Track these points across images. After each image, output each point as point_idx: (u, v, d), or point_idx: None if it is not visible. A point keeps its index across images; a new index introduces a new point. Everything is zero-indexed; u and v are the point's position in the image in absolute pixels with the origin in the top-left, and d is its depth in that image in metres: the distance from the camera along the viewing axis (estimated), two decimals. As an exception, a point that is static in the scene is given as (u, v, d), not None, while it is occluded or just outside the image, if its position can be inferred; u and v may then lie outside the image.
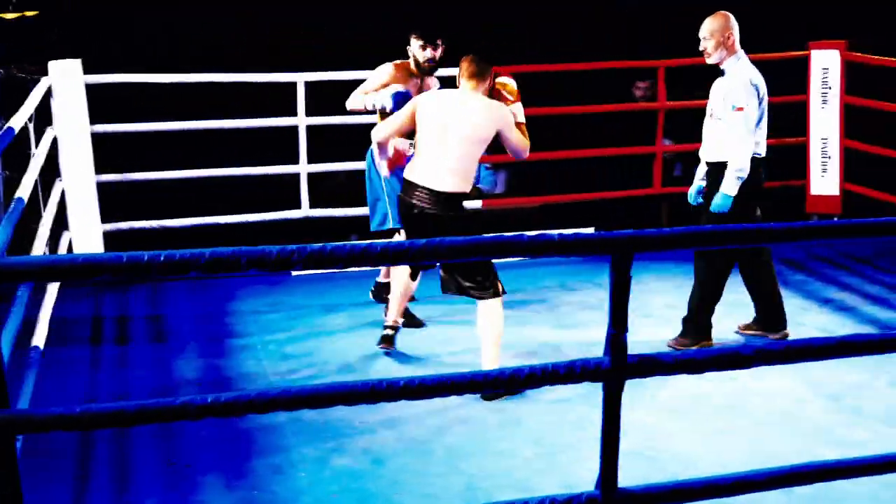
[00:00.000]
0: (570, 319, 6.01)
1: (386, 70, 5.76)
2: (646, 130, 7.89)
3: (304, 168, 7.15)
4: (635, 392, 3.89)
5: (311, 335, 5.80)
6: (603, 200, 7.93)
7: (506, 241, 2.53)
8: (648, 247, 2.54)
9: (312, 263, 2.45)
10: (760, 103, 5.30)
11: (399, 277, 5.54)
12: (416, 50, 5.70)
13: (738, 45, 5.31)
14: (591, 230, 7.31)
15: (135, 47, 9.15)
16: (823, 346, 2.89)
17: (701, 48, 5.35)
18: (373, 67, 5.85)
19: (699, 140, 8.51)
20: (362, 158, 6.09)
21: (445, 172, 4.88)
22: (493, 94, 5.04)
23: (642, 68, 8.08)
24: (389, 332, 5.49)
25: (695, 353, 2.69)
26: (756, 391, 4.87)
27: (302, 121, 7.08)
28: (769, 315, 5.63)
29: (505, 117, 4.91)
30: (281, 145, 7.65)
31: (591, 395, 4.32)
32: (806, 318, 6.00)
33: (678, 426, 4.54)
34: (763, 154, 5.38)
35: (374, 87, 5.71)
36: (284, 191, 7.58)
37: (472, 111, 4.85)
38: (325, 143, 8.30)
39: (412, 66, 5.74)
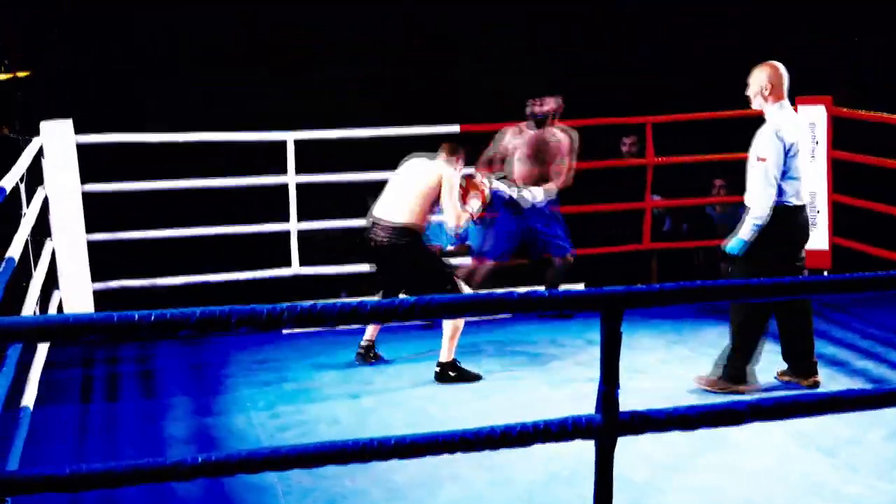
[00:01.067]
0: (562, 375, 5.99)
1: (500, 135, 7.18)
2: (635, 186, 7.93)
3: (294, 226, 7.16)
4: (627, 447, 3.87)
5: (301, 393, 5.77)
6: (593, 256, 7.94)
7: (496, 297, 2.54)
8: (638, 303, 2.54)
9: (302, 322, 2.46)
10: (787, 154, 5.35)
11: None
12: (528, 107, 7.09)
13: (780, 96, 5.41)
14: (581, 286, 7.33)
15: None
16: (815, 401, 2.89)
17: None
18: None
19: (687, 195, 8.60)
20: (353, 216, 6.17)
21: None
22: (467, 183, 6.32)
23: (629, 124, 8.14)
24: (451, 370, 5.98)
25: (686, 410, 2.69)
26: (749, 446, 4.85)
27: (292, 179, 7.11)
28: (798, 362, 5.71)
29: (450, 179, 5.98)
30: (272, 203, 7.66)
31: (584, 450, 4.30)
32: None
33: (670, 483, 4.51)
34: (795, 203, 5.44)
35: (494, 150, 7.18)
36: (275, 248, 7.59)
37: (426, 167, 6.06)
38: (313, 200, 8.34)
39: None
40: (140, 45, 8.96)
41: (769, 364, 5.76)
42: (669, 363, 6.22)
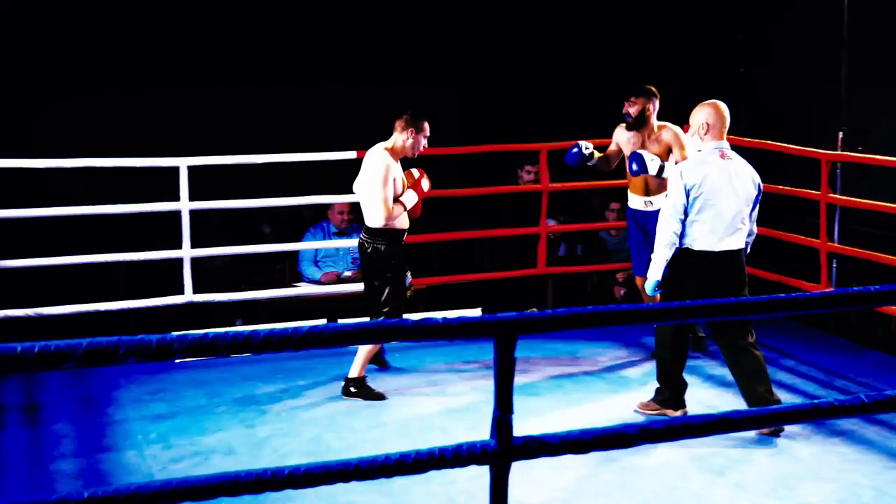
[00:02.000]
0: (460, 401, 6.00)
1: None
2: (531, 212, 8.01)
3: (187, 253, 7.05)
4: (523, 472, 3.89)
5: (195, 423, 5.67)
6: (489, 282, 7.99)
7: (391, 325, 2.53)
8: (531, 329, 2.56)
9: (194, 352, 2.42)
10: (688, 197, 5.23)
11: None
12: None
13: (718, 136, 5.31)
14: (478, 311, 7.36)
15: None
16: (704, 423, 2.93)
17: None
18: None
19: (583, 220, 8.72)
20: (245, 241, 6.09)
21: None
22: (406, 175, 6.02)
23: (525, 151, 8.22)
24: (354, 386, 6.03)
25: (580, 434, 2.71)
26: (642, 467, 4.91)
27: (185, 205, 7.00)
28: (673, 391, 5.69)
29: (375, 165, 5.83)
30: (164, 229, 7.52)
31: (481, 474, 4.31)
32: (689, 395, 6.09)
33: (567, 506, 4.54)
34: (701, 249, 5.28)
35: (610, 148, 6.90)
36: (167, 276, 7.45)
37: (368, 158, 5.98)
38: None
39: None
40: (27, 67, 8.77)
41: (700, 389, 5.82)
42: (565, 386, 6.28)
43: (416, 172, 6.09)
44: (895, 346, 7.14)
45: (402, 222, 6.01)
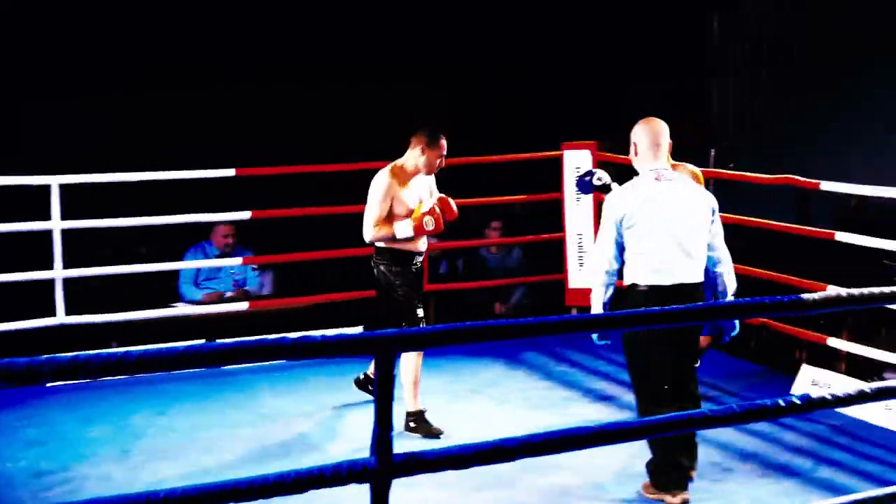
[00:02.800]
0: (341, 420, 5.97)
1: None
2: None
3: (59, 273, 6.85)
4: (404, 489, 3.88)
5: (68, 449, 5.51)
6: (371, 299, 7.96)
7: (269, 343, 2.50)
8: (410, 345, 2.56)
9: (65, 375, 2.35)
10: (621, 228, 4.60)
11: (411, 362, 5.64)
12: None
13: (649, 158, 4.69)
14: (359, 329, 7.34)
15: None
16: (584, 435, 2.97)
17: None
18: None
19: (461, 238, 8.76)
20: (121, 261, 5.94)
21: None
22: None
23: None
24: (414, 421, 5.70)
25: (460, 449, 2.72)
26: (524, 482, 4.95)
27: (56, 224, 6.82)
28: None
29: (373, 185, 5.64)
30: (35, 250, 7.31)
31: (363, 492, 4.29)
32: (570, 409, 6.18)
33: (450, 522, 4.55)
34: (648, 283, 4.58)
35: None
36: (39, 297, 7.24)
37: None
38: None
39: None
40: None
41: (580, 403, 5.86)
42: (447, 402, 6.29)
43: (426, 206, 5.69)
44: (767, 357, 7.35)
45: (407, 244, 5.70)
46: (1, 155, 6.99)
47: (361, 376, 6.21)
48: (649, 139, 4.69)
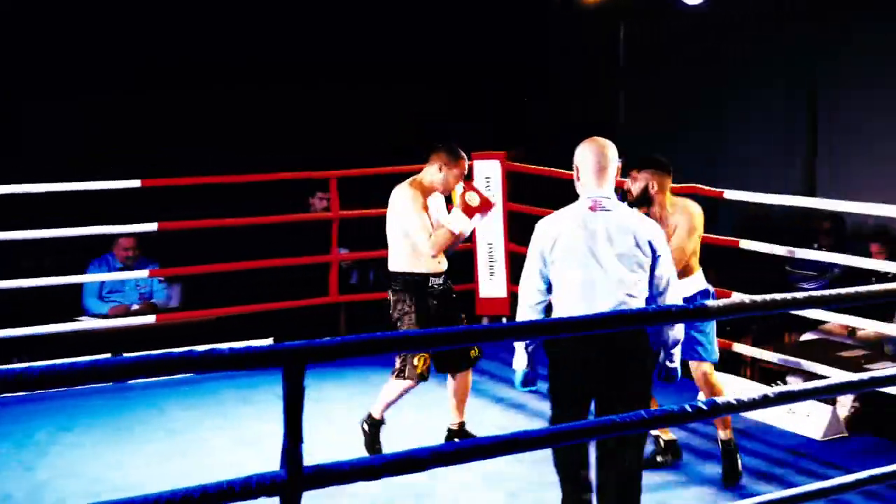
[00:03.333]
0: (252, 433, 5.91)
1: None
2: (323, 240, 7.99)
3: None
4: (319, 501, 3.85)
5: (-31, 468, 5.38)
6: (283, 311, 7.91)
7: (176, 357, 2.46)
8: (319, 357, 2.54)
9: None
10: (545, 262, 4.16)
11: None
12: None
13: (589, 181, 4.20)
14: (269, 341, 7.27)
15: None
16: (494, 443, 2.98)
17: None
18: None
19: (375, 248, 8.75)
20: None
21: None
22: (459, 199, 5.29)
23: (314, 179, 8.20)
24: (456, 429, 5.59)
25: (371, 460, 2.71)
26: (436, 493, 4.95)
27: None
28: None
29: (402, 203, 5.35)
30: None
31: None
32: (484, 417, 6.20)
33: (362, 534, 4.53)
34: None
35: None
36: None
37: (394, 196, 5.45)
38: None
39: None
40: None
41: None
42: (357, 413, 6.26)
43: (459, 188, 5.39)
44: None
45: (423, 266, 5.40)
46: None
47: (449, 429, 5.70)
48: (593, 163, 4.17)
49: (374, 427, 5.58)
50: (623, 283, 4.06)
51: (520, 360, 4.22)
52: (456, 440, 5.40)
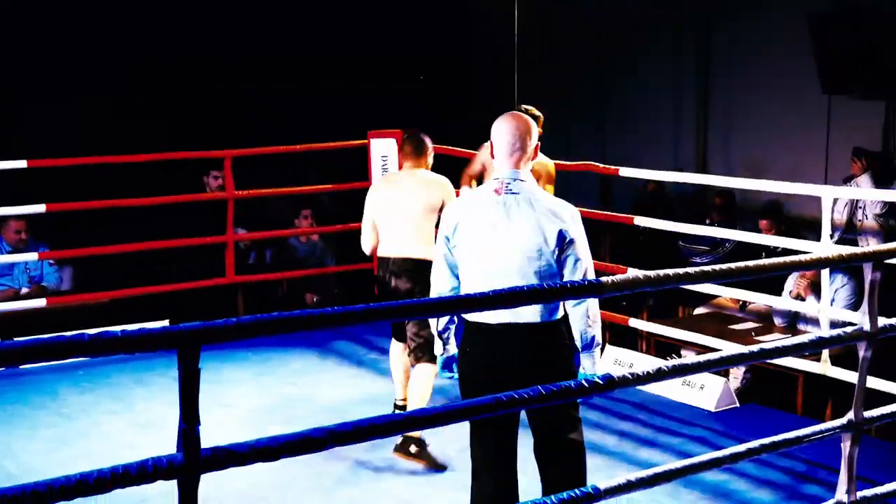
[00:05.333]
0: (148, 416, 5.82)
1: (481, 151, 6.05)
2: (219, 220, 7.88)
3: None
4: (217, 483, 3.82)
5: None
6: (178, 292, 7.79)
7: (67, 340, 2.41)
8: (215, 338, 2.51)
9: None
10: (448, 242, 3.85)
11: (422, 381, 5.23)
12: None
13: (501, 165, 3.81)
14: (165, 323, 7.16)
15: None
16: (392, 421, 2.98)
17: None
18: None
19: (271, 227, 8.68)
20: None
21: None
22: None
23: (208, 158, 8.09)
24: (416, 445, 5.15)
25: (269, 441, 2.69)
26: (336, 472, 4.95)
27: None
28: None
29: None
30: None
31: (173, 490, 4.20)
32: (381, 396, 6.21)
33: (262, 515, 4.51)
34: (474, 321, 3.77)
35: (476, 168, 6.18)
36: None
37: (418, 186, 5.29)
38: None
39: None
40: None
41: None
42: (257, 395, 6.23)
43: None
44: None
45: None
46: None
47: (399, 440, 5.24)
48: (506, 142, 3.79)
49: (420, 444, 5.17)
50: (524, 270, 3.71)
51: (437, 347, 4.05)
52: (412, 450, 5.14)
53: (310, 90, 9.99)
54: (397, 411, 5.43)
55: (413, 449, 5.11)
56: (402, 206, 5.26)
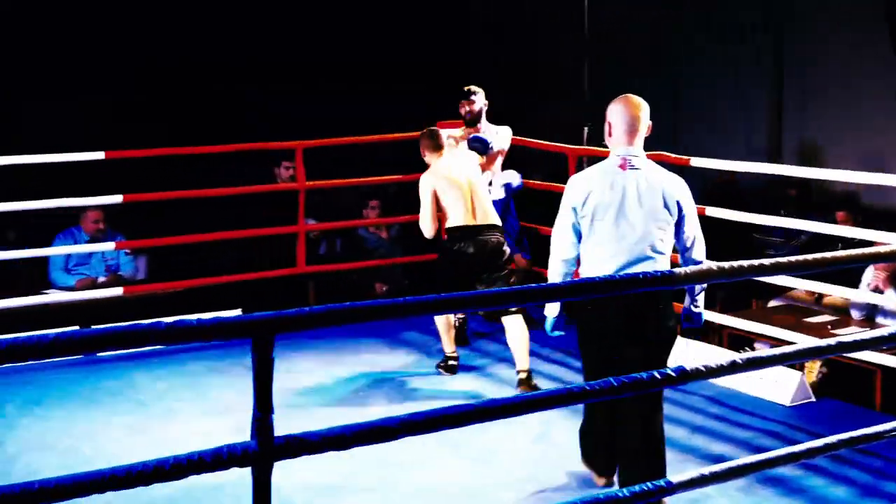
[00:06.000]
0: (221, 404, 5.90)
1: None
2: (289, 210, 7.95)
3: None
4: (287, 472, 3.86)
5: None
6: (250, 282, 7.87)
7: (144, 328, 2.45)
8: (288, 327, 2.54)
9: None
10: (576, 213, 4.32)
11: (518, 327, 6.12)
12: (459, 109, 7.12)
13: (621, 140, 4.35)
14: (238, 312, 7.25)
15: None
16: (465, 412, 2.99)
17: None
18: None
19: (342, 218, 8.72)
20: None
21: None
22: None
23: (281, 149, 8.16)
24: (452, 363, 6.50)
25: (341, 430, 2.71)
26: (402, 462, 4.96)
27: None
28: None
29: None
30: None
31: (247, 477, 4.25)
32: (450, 385, 6.23)
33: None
34: (603, 273, 4.19)
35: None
36: None
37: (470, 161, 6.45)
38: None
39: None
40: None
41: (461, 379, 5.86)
42: (328, 384, 6.27)
43: None
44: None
45: None
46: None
47: (523, 376, 6.08)
48: (625, 122, 4.33)
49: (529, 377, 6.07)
50: (649, 238, 4.24)
51: (552, 308, 4.50)
52: (522, 390, 5.93)
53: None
54: (451, 363, 6.46)
55: (534, 382, 6.02)
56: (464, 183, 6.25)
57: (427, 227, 6.28)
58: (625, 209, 4.24)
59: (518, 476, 4.86)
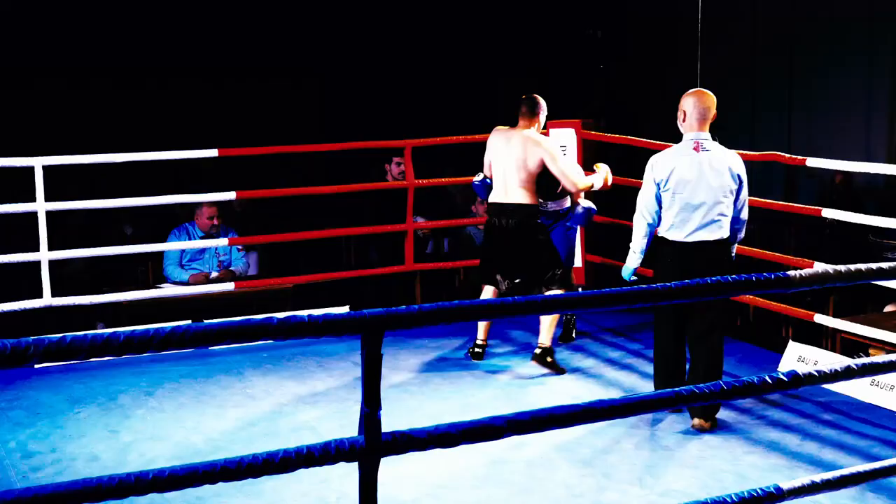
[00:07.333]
0: (329, 400, 5.97)
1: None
2: (398, 208, 8.01)
3: (44, 255, 6.83)
4: (394, 468, 3.89)
5: (56, 430, 5.50)
6: (358, 279, 7.97)
7: (255, 324, 2.49)
8: (397, 325, 2.56)
9: (52, 356, 2.34)
10: (659, 187, 5.36)
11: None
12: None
13: (692, 126, 5.35)
14: (345, 309, 7.34)
15: None
16: (571, 412, 2.97)
17: None
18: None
19: (449, 217, 8.76)
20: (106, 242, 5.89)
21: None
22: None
23: (390, 148, 8.23)
24: (478, 350, 6.67)
25: (448, 427, 2.72)
26: (511, 459, 4.96)
27: (41, 206, 6.78)
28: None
29: (549, 148, 6.34)
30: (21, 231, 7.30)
31: (354, 472, 4.30)
32: (557, 386, 6.20)
33: (437, 501, 4.56)
34: (673, 238, 5.36)
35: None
36: (25, 279, 7.22)
37: (517, 145, 6.37)
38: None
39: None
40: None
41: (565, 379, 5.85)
42: (433, 381, 6.30)
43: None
44: (754, 334, 7.38)
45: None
46: (6, 152, 7.03)
47: (475, 349, 6.70)
48: (698, 112, 5.33)
49: (551, 353, 6.39)
50: (718, 206, 5.31)
51: (633, 259, 5.56)
52: (537, 362, 6.35)
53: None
54: (476, 350, 6.67)
55: (549, 359, 6.33)
56: (505, 159, 6.37)
57: (580, 176, 6.43)
58: (700, 184, 5.29)
59: (623, 479, 4.81)
